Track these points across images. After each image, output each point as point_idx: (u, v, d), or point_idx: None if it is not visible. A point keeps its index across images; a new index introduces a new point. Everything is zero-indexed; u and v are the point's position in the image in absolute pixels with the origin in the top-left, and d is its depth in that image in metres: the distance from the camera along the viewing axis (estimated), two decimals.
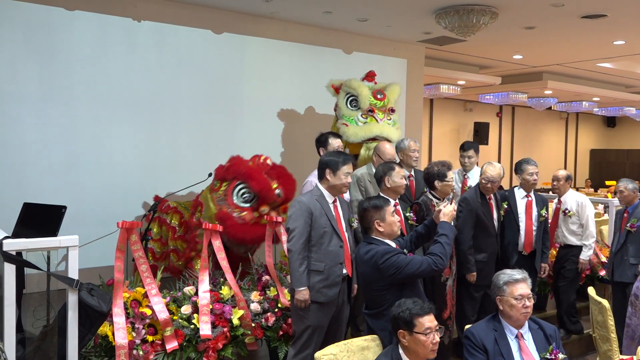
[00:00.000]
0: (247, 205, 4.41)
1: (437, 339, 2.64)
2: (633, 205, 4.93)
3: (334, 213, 3.53)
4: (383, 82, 5.75)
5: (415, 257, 3.06)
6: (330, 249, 3.45)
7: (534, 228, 4.77)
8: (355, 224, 3.61)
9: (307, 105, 7.19)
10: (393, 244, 3.16)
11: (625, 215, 4.97)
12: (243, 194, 4.45)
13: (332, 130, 5.68)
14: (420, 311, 2.62)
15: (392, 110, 5.39)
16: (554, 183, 5.13)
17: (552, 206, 5.24)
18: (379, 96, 5.37)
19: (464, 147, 5.45)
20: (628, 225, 4.82)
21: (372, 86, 5.51)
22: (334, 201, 3.57)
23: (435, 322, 2.65)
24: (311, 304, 3.42)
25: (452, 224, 3.29)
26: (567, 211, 5.03)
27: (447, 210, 3.26)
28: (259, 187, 4.38)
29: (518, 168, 4.89)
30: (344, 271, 3.51)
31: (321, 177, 3.55)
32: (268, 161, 4.62)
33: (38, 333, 3.46)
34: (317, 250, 3.44)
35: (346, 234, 3.56)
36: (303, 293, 3.39)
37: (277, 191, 4.46)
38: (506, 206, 4.55)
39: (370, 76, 5.60)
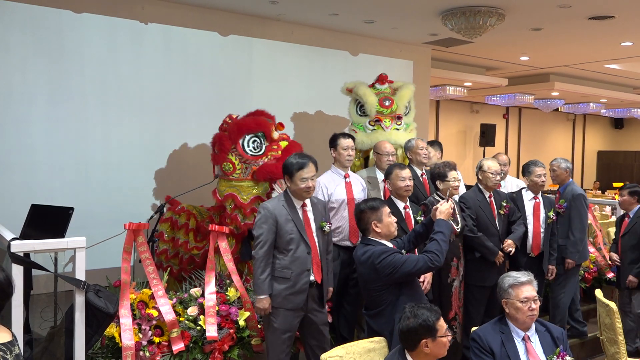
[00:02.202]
0: (261, 151, 4.51)
1: (451, 336, 2.66)
2: (564, 185, 5.02)
3: (302, 218, 3.46)
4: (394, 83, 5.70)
5: (411, 256, 3.08)
6: (297, 255, 3.39)
7: (542, 230, 4.75)
8: (327, 228, 3.53)
9: (314, 107, 7.20)
10: (390, 245, 3.17)
11: (557, 195, 5.09)
12: (253, 141, 4.53)
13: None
14: (437, 314, 2.62)
15: (399, 117, 5.32)
16: None
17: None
18: (386, 103, 5.29)
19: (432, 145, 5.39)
20: (556, 206, 4.85)
21: (382, 91, 5.40)
22: (303, 205, 3.49)
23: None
24: (280, 310, 3.39)
25: (450, 221, 3.30)
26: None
27: (443, 208, 3.27)
28: (256, 124, 4.54)
29: (526, 170, 4.88)
30: (312, 278, 3.44)
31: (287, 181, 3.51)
32: (229, 118, 4.77)
33: (45, 334, 3.48)
34: (283, 257, 3.39)
35: (316, 240, 3.48)
36: (263, 302, 3.36)
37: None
38: (505, 204, 4.50)
39: (380, 79, 5.50)
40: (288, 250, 3.39)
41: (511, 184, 5.43)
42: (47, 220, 3.98)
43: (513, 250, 4.39)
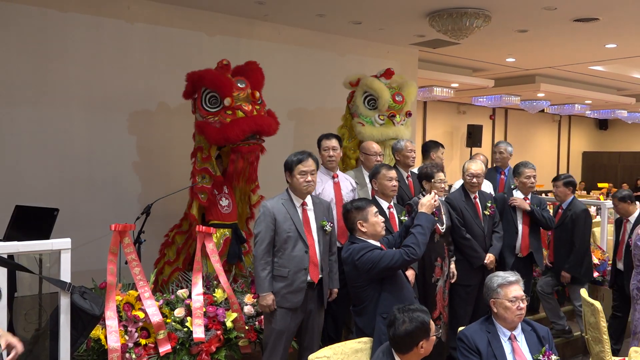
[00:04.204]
0: (217, 108, 4.44)
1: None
2: (507, 168, 5.59)
3: (301, 217, 3.47)
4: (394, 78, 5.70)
5: (388, 251, 3.10)
6: (294, 254, 3.40)
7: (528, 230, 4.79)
8: (328, 228, 3.53)
9: (301, 108, 7.19)
10: (377, 244, 3.18)
11: (502, 177, 5.48)
12: (210, 98, 4.49)
13: (342, 119, 5.70)
14: (428, 313, 2.65)
15: (409, 114, 5.44)
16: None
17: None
18: (397, 99, 5.37)
19: (440, 147, 5.43)
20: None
21: (391, 88, 5.48)
22: (303, 204, 3.50)
23: None
24: (278, 309, 3.41)
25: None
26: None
27: (424, 201, 3.29)
28: (212, 82, 4.42)
29: (515, 171, 4.90)
30: (308, 277, 3.44)
31: (286, 179, 3.54)
32: (224, 62, 4.66)
33: (30, 337, 3.44)
34: (281, 255, 3.41)
35: (315, 239, 3.48)
36: (267, 299, 3.39)
37: (238, 83, 4.48)
38: (489, 204, 4.53)
39: (388, 74, 5.54)
40: (285, 249, 3.40)
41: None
42: (32, 222, 3.94)
43: (494, 265, 4.46)
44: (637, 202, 5.13)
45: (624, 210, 5.05)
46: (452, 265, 4.29)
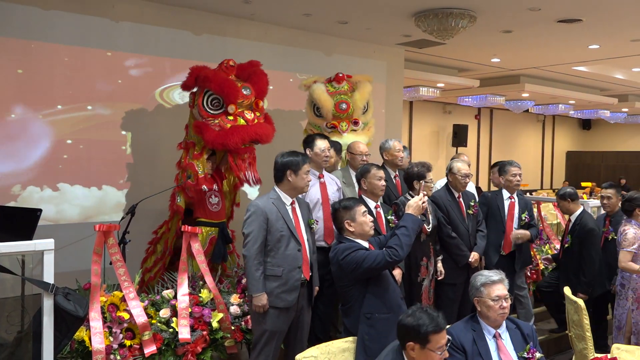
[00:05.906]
0: (219, 111, 4.39)
1: (447, 354, 2.57)
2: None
3: (291, 216, 3.47)
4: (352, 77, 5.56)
5: (372, 252, 3.09)
6: (287, 253, 3.40)
7: (515, 229, 4.82)
8: (315, 226, 3.57)
9: (288, 107, 7.18)
10: (366, 244, 3.18)
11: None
12: (212, 100, 4.42)
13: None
14: (436, 328, 2.52)
15: (356, 122, 5.18)
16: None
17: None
18: (342, 107, 5.13)
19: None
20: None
21: (338, 90, 5.24)
22: (292, 203, 3.51)
23: (447, 337, 2.56)
24: (270, 309, 3.39)
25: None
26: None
27: (412, 202, 3.29)
28: (219, 88, 4.34)
29: (501, 169, 4.93)
30: (302, 275, 3.45)
31: (280, 179, 3.48)
32: (231, 62, 4.57)
33: (12, 339, 3.39)
34: (274, 254, 3.40)
35: (305, 237, 3.50)
36: (260, 298, 3.36)
37: (244, 90, 4.42)
38: (473, 203, 4.56)
39: (337, 79, 5.31)
40: (278, 248, 3.39)
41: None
42: (14, 222, 3.89)
43: (478, 263, 4.50)
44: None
45: (565, 209, 5.02)
46: (439, 264, 4.31)
